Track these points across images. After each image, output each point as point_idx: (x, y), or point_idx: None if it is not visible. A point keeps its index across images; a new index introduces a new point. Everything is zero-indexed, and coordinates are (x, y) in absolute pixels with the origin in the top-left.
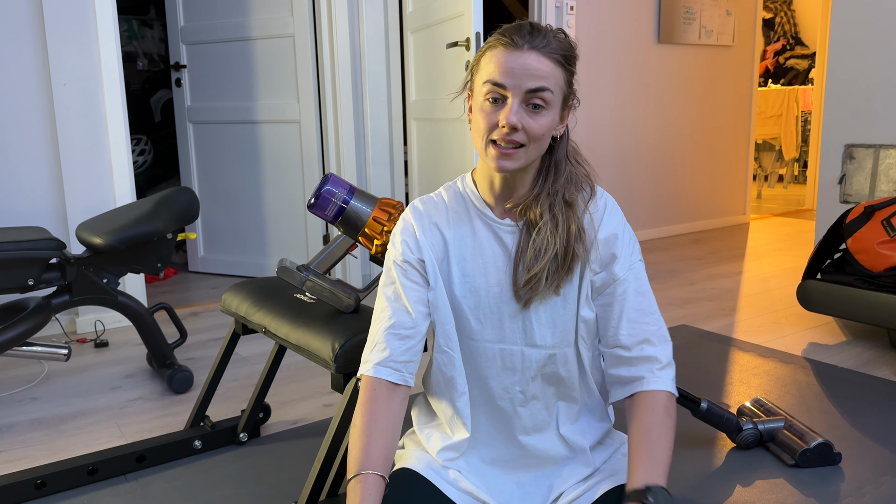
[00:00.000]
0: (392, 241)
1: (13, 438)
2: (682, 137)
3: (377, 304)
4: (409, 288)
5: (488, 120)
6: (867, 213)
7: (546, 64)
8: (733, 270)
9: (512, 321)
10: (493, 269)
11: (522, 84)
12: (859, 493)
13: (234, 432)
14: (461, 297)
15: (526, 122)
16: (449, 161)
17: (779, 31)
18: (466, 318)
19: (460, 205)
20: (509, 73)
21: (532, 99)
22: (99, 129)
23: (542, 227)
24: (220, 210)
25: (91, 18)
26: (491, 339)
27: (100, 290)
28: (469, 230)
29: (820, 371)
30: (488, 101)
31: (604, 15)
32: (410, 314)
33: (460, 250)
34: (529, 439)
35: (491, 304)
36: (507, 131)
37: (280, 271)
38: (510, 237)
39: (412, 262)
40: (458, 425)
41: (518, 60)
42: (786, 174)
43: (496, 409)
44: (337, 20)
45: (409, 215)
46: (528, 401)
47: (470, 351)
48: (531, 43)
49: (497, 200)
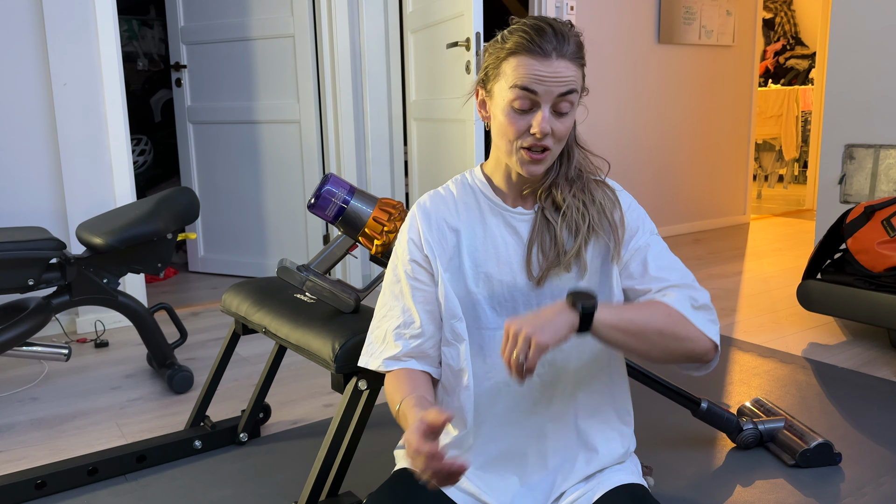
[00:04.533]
0: (399, 240)
1: (13, 438)
2: (682, 137)
3: (381, 299)
4: (415, 289)
5: (516, 126)
6: (867, 213)
7: (573, 70)
8: (733, 270)
9: (526, 307)
10: (506, 256)
11: (554, 90)
12: (859, 493)
13: (234, 432)
14: (475, 288)
15: (555, 126)
16: (449, 161)
17: (779, 31)
18: (482, 307)
19: (469, 196)
20: (540, 81)
21: (560, 103)
22: (99, 129)
23: (568, 207)
24: (220, 210)
25: (91, 18)
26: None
27: (100, 290)
28: (479, 220)
29: (820, 371)
30: (516, 107)
31: (604, 15)
32: (415, 317)
33: (471, 241)
34: (546, 427)
35: (504, 291)
36: (540, 137)
37: (280, 271)
38: (523, 225)
39: (419, 260)
40: (459, 419)
41: (550, 69)
42: (786, 174)
43: (512, 397)
44: (337, 20)
45: (415, 213)
46: (545, 387)
47: (486, 341)
48: (559, 50)
49: (511, 189)
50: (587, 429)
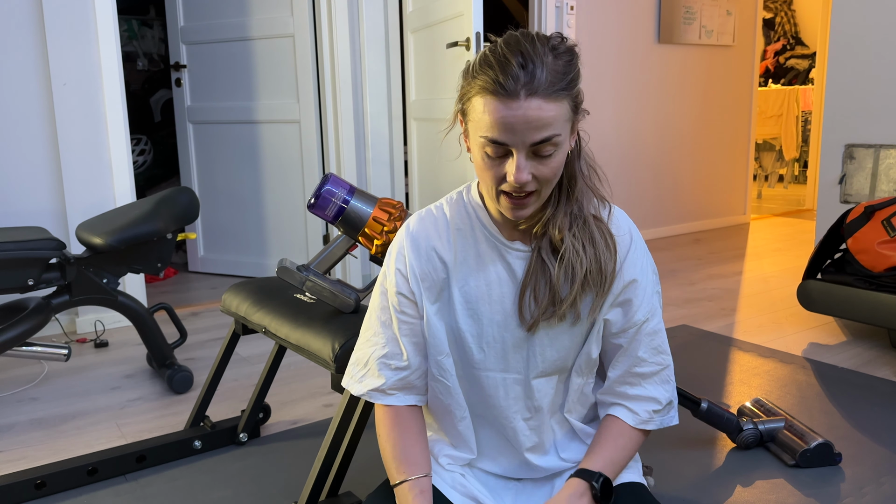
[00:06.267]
0: (386, 267)
1: (13, 438)
2: (682, 137)
3: (368, 320)
4: (402, 322)
5: (493, 173)
6: (867, 213)
7: (549, 108)
8: (733, 270)
9: (516, 351)
10: (498, 295)
11: (526, 139)
12: (859, 493)
13: (234, 432)
14: (463, 325)
15: (537, 171)
16: (449, 161)
17: (779, 31)
18: (469, 346)
19: (465, 221)
20: (509, 129)
21: (540, 151)
22: (99, 129)
23: (566, 250)
24: (220, 210)
25: (91, 18)
26: (494, 369)
27: (100, 290)
28: (473, 252)
29: (820, 371)
30: (488, 154)
31: (604, 15)
32: (402, 350)
33: (463, 274)
34: (533, 458)
35: (494, 332)
36: (518, 186)
37: (280, 271)
38: (519, 262)
39: (405, 293)
40: (463, 445)
41: (517, 114)
42: (786, 174)
43: (500, 429)
44: (337, 20)
45: (403, 239)
46: (529, 425)
47: (472, 379)
48: (528, 87)
49: (506, 220)
50: (570, 457)
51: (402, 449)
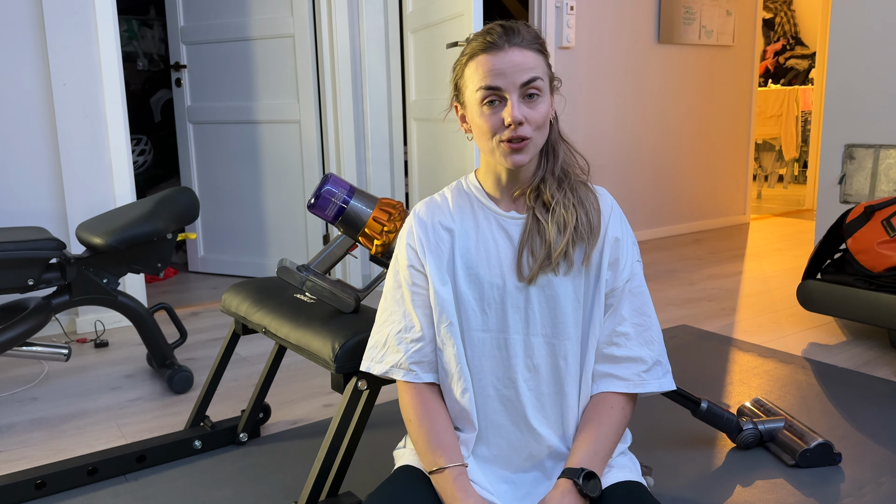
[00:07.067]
0: (398, 245)
1: (13, 438)
2: (682, 137)
3: (383, 304)
4: (415, 294)
5: (491, 122)
6: (867, 213)
7: (530, 56)
8: (733, 270)
9: (514, 311)
10: (496, 259)
11: (516, 80)
12: (859, 493)
13: (234, 432)
14: (465, 289)
15: (528, 114)
16: (449, 161)
17: (779, 31)
18: (473, 309)
19: (464, 200)
20: (500, 73)
21: (528, 91)
22: (99, 129)
23: (557, 204)
24: (220, 210)
25: (91, 18)
26: (494, 329)
27: (100, 290)
28: (472, 223)
29: (820, 371)
30: (486, 106)
31: (604, 15)
32: (415, 322)
33: (464, 242)
34: (538, 426)
35: (494, 294)
36: (514, 127)
37: (280, 271)
38: (515, 229)
39: (416, 265)
40: (466, 421)
41: (505, 60)
42: (786, 174)
43: (503, 399)
44: (337, 20)
45: (412, 220)
46: (532, 391)
47: (474, 342)
48: (510, 41)
49: (503, 194)
50: (572, 433)
51: (435, 434)
